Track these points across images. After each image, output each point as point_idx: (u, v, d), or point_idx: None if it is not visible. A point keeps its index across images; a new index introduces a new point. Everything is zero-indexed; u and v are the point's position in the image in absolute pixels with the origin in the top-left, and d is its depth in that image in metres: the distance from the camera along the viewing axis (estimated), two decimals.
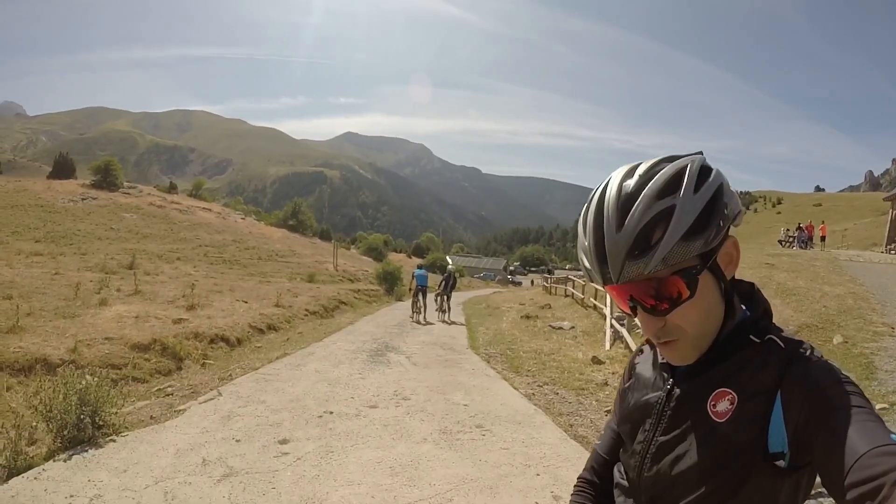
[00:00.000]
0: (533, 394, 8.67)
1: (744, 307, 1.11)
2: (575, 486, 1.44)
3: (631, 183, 1.00)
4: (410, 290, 19.80)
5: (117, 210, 38.24)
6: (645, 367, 1.25)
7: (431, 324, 18.77)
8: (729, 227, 1.02)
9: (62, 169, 60.67)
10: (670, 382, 1.13)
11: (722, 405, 1.01)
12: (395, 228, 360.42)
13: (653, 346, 1.24)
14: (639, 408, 1.19)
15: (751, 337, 1.05)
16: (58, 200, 37.12)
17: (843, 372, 0.95)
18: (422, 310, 19.07)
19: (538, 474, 5.28)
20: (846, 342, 9.24)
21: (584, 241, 1.03)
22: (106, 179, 46.37)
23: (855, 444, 0.79)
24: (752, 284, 1.14)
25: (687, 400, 1.08)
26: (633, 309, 1.05)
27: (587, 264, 1.03)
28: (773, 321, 1.10)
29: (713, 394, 1.04)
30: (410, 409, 7.39)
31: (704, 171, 1.01)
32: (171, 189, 59.68)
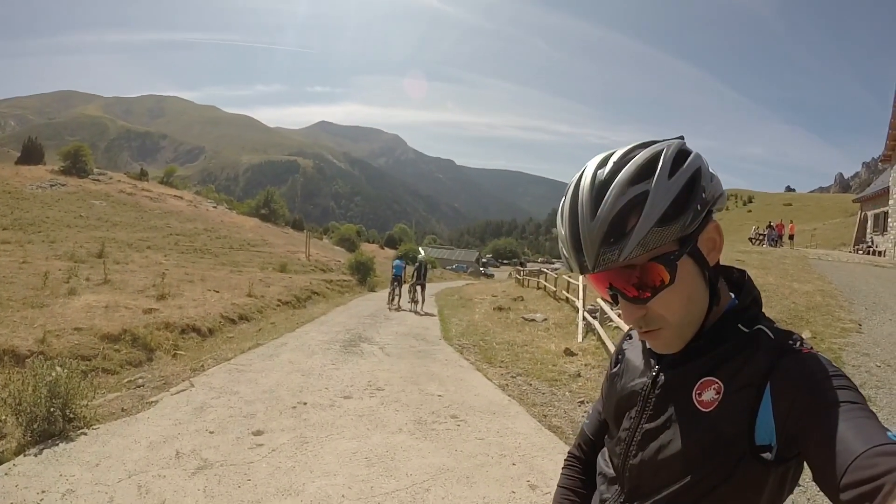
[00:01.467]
0: (506, 385, 8.72)
1: (732, 295, 1.11)
2: (565, 461, 1.48)
3: (605, 170, 0.99)
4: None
5: (87, 197, 37.58)
6: (634, 354, 1.23)
7: (404, 311, 19.16)
8: (710, 212, 1.01)
9: (31, 154, 59.38)
10: (656, 369, 1.12)
11: (707, 395, 1.00)
12: (368, 219, 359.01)
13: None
14: (625, 394, 1.18)
15: (739, 326, 1.04)
16: (26, 187, 36.36)
17: (835, 366, 0.94)
18: (396, 298, 20.23)
19: (514, 464, 5.32)
20: (814, 337, 9.40)
21: (562, 230, 1.02)
22: (75, 165, 45.51)
23: (851, 442, 0.78)
24: (743, 272, 1.13)
25: (672, 388, 1.07)
26: (614, 297, 1.03)
27: (565, 253, 1.02)
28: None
29: (699, 383, 1.02)
30: (385, 400, 7.39)
31: (681, 154, 1.00)
32: (142, 176, 58.67)
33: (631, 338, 1.30)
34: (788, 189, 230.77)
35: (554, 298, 20.27)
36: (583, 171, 1.03)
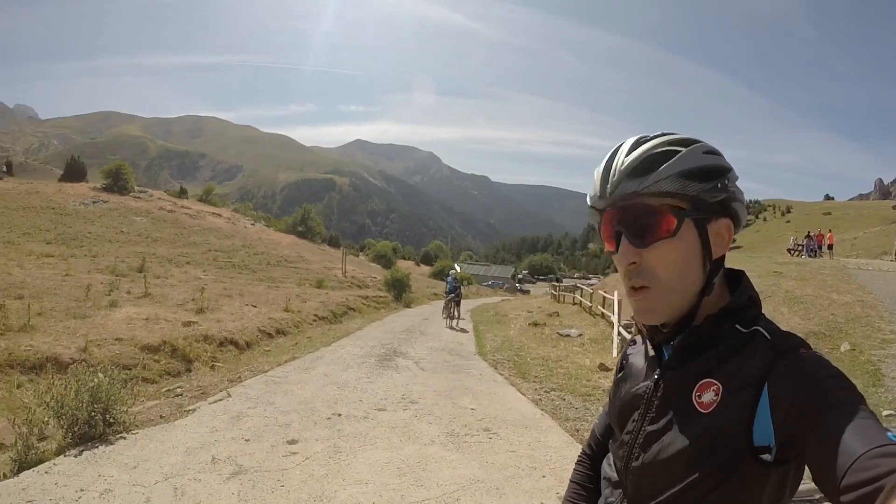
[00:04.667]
0: (540, 399, 8.67)
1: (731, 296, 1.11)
2: (577, 458, 1.55)
3: (648, 136, 1.09)
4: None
5: (128, 213, 38.49)
6: (637, 358, 1.25)
7: (445, 326, 19.22)
8: (729, 208, 1.06)
9: (73, 172, 61.15)
10: (658, 373, 1.13)
11: (707, 396, 1.01)
12: (403, 236, 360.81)
13: (644, 339, 1.22)
14: (629, 398, 1.19)
15: (737, 327, 1.04)
16: (69, 203, 37.41)
17: (835, 366, 0.93)
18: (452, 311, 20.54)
19: (544, 476, 5.29)
20: (853, 349, 9.21)
21: (596, 171, 1.10)
22: (117, 183, 46.71)
23: (851, 443, 0.78)
24: (741, 272, 1.14)
25: (673, 390, 1.08)
26: (618, 238, 1.06)
27: (593, 190, 1.09)
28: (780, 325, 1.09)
29: (698, 384, 1.03)
30: (418, 413, 7.41)
31: (719, 153, 1.08)
32: (182, 194, 59.89)
33: (635, 343, 1.31)
34: (827, 197, 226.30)
35: (589, 314, 20.12)
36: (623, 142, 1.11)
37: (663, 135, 1.08)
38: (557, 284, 37.62)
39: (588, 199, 1.11)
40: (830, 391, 0.87)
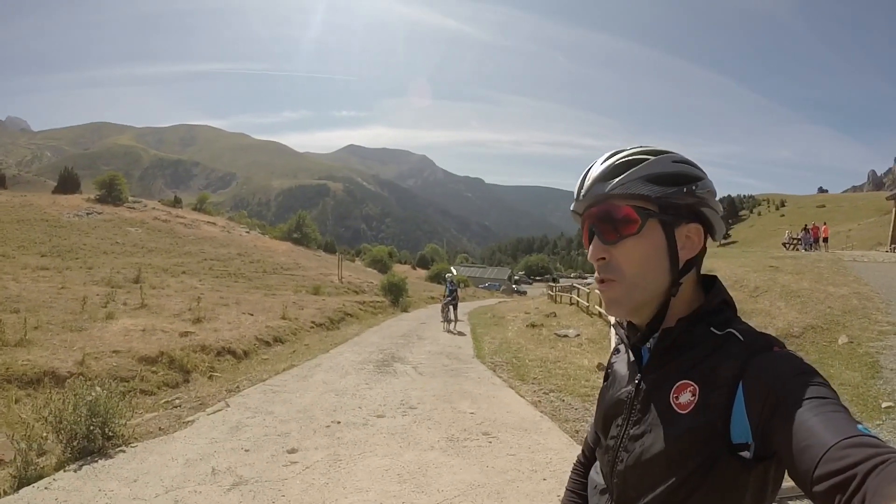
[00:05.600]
0: (539, 401, 8.69)
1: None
2: (573, 466, 1.59)
3: (624, 149, 1.17)
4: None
5: (122, 224, 38.41)
6: (620, 366, 1.29)
7: (440, 330, 19.18)
8: (700, 214, 1.12)
9: (67, 184, 61.02)
10: (638, 377, 1.17)
11: (684, 397, 1.04)
12: (399, 240, 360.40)
13: (627, 347, 1.26)
14: (612, 404, 1.23)
15: (712, 329, 1.08)
16: (63, 215, 37.31)
17: (807, 363, 0.96)
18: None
19: (545, 479, 5.30)
20: (851, 342, 9.24)
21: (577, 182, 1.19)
22: (111, 194, 46.62)
23: (822, 436, 0.79)
24: (714, 277, 1.19)
25: (652, 392, 1.12)
26: (591, 236, 1.15)
27: (575, 196, 1.18)
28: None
29: (675, 385, 1.06)
30: (417, 418, 7.41)
31: (691, 163, 1.15)
32: (176, 203, 59.84)
33: (619, 352, 1.34)
34: (821, 190, 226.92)
35: (587, 313, 20.13)
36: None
37: (639, 147, 1.16)
38: (554, 285, 37.64)
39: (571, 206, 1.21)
40: (802, 387, 0.89)
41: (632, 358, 1.22)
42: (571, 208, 1.21)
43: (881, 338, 9.38)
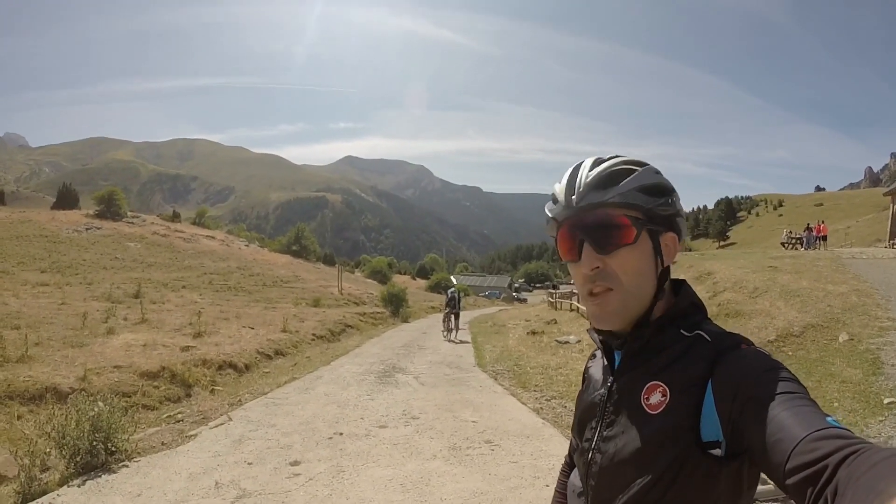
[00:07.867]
0: (541, 408, 8.70)
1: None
2: (560, 468, 1.62)
3: (604, 157, 1.19)
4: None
5: (121, 239, 38.37)
6: (595, 370, 1.31)
7: (442, 339, 19.23)
8: (675, 223, 1.16)
9: (66, 199, 61.02)
10: (610, 380, 1.19)
11: (655, 398, 1.06)
12: (398, 250, 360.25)
13: (603, 352, 1.28)
14: (587, 408, 1.26)
15: (681, 331, 1.11)
16: (62, 230, 37.25)
17: (774, 359, 0.99)
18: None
19: (547, 485, 5.30)
20: (852, 339, 9.24)
21: (557, 186, 1.19)
22: (109, 209, 46.57)
23: (793, 429, 0.81)
24: (683, 281, 1.22)
25: (624, 394, 1.14)
26: (580, 247, 1.13)
27: (557, 201, 1.17)
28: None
29: (646, 387, 1.09)
30: (420, 428, 7.43)
31: (661, 174, 1.19)
32: (175, 217, 59.73)
33: (595, 357, 1.36)
34: (818, 189, 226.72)
35: (587, 319, 20.09)
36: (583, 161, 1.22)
37: (618, 157, 1.18)
38: (554, 291, 37.56)
39: (548, 212, 1.20)
40: (771, 382, 0.91)
41: (605, 362, 1.24)
42: (552, 214, 1.19)
43: (882, 334, 9.38)
